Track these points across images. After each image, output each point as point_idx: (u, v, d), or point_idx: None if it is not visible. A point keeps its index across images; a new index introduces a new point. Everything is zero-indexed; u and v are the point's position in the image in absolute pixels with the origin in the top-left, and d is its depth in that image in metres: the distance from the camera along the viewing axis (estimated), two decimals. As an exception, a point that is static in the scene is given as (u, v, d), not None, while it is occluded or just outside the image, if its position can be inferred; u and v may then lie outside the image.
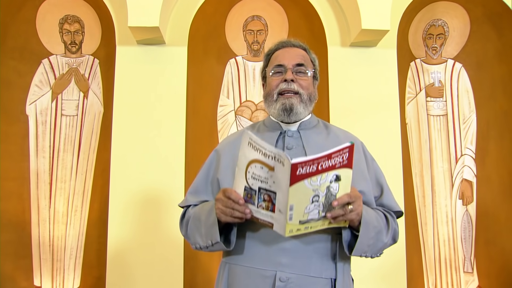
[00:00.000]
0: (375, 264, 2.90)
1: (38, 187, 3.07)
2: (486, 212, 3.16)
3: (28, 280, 2.98)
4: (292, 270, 1.30)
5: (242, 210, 1.22)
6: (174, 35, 3.04)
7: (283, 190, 1.15)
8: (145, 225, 2.87)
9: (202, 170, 1.53)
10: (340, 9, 3.12)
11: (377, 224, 1.35)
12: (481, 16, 3.25)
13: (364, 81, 3.05)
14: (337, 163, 1.14)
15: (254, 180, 1.20)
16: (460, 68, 3.30)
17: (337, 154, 1.14)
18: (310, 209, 1.18)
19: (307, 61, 1.47)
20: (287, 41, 1.49)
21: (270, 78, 1.45)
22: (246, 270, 1.34)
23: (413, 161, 3.20)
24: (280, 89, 1.41)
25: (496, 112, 3.22)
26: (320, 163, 1.12)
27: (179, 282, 2.83)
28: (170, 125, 2.95)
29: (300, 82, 1.42)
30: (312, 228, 1.22)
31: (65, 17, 3.18)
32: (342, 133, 1.54)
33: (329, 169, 1.14)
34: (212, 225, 1.31)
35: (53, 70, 3.17)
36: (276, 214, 1.19)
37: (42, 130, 3.12)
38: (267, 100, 1.46)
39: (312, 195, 1.16)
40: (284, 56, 1.45)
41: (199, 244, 1.40)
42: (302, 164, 1.10)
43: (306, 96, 1.43)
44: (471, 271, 3.13)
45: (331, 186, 1.17)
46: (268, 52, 1.51)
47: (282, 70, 1.43)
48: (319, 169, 1.13)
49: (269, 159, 1.16)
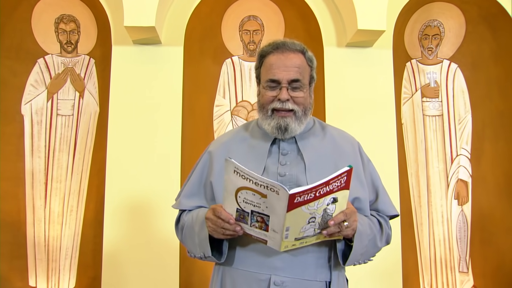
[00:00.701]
0: (371, 265, 2.90)
1: (34, 187, 3.06)
2: (481, 212, 3.17)
3: (23, 280, 2.97)
4: (287, 273, 1.30)
5: (233, 229, 1.22)
6: (170, 35, 3.04)
7: (278, 214, 1.14)
8: (141, 225, 2.86)
9: (195, 172, 1.51)
10: (336, 9, 3.13)
11: (370, 232, 1.35)
12: (476, 16, 3.26)
13: (360, 81, 3.06)
14: (335, 187, 1.14)
15: (246, 204, 1.18)
16: (455, 68, 3.31)
17: (335, 180, 1.13)
18: (306, 228, 1.18)
19: (303, 71, 1.38)
20: (282, 43, 1.39)
21: (264, 91, 1.38)
22: (241, 273, 1.34)
23: (409, 161, 3.21)
24: (275, 107, 1.35)
25: (492, 112, 3.23)
26: (318, 190, 1.11)
27: (175, 283, 2.82)
28: (166, 125, 2.95)
29: (295, 100, 1.36)
30: (307, 242, 1.23)
31: (60, 16, 3.17)
32: (338, 133, 1.52)
33: (327, 194, 1.13)
34: (204, 239, 1.31)
35: (48, 69, 3.16)
36: (270, 233, 1.19)
37: (38, 130, 3.11)
38: (261, 112, 1.41)
39: (309, 217, 1.16)
40: (279, 67, 1.34)
41: (193, 254, 1.41)
42: (300, 194, 1.10)
43: (301, 112, 1.37)
44: (466, 271, 3.14)
45: (328, 208, 1.17)
46: (262, 52, 1.41)
47: (276, 86, 1.35)
48: (317, 195, 1.12)
49: (261, 187, 1.13)
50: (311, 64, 1.42)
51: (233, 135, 1.52)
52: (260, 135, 1.45)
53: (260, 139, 1.44)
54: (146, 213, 2.86)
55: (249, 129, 1.52)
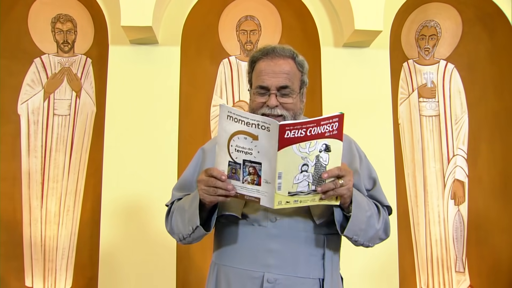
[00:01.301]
0: (367, 264, 2.92)
1: (30, 187, 3.05)
2: (477, 212, 3.18)
3: (20, 280, 2.96)
4: (280, 271, 1.31)
5: (224, 187, 1.19)
6: (167, 35, 3.03)
7: (270, 157, 1.13)
8: (138, 225, 2.86)
9: (188, 168, 1.53)
10: (333, 9, 3.13)
11: (368, 208, 1.33)
12: (473, 17, 3.27)
13: (357, 82, 3.07)
14: (327, 131, 1.12)
15: (238, 153, 1.17)
16: (452, 69, 3.32)
17: (326, 122, 1.12)
18: (299, 179, 1.16)
19: (293, 77, 1.39)
20: (271, 50, 1.40)
21: (254, 97, 1.40)
22: (235, 271, 1.35)
23: (406, 161, 3.21)
24: (264, 113, 1.35)
25: (488, 113, 3.24)
26: (309, 128, 1.10)
27: (171, 282, 2.82)
28: (163, 125, 2.94)
29: (284, 106, 1.37)
30: (301, 202, 1.19)
31: (57, 16, 3.17)
32: None
33: (318, 137, 1.12)
34: (194, 210, 1.29)
35: (45, 69, 3.15)
36: (262, 187, 1.17)
37: (34, 130, 3.10)
38: None
39: (301, 163, 1.14)
40: (268, 74, 1.36)
41: (182, 234, 1.39)
42: (290, 127, 1.09)
43: (291, 117, 1.38)
44: (462, 270, 3.15)
45: (321, 156, 1.15)
46: (252, 58, 1.43)
47: (265, 92, 1.37)
48: (308, 134, 1.11)
49: (253, 127, 1.13)
50: (302, 69, 1.44)
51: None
52: None
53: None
54: (143, 213, 2.86)
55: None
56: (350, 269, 2.90)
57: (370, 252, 2.88)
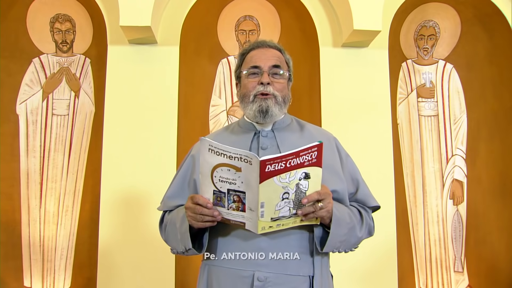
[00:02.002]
0: (366, 264, 2.92)
1: (29, 187, 3.04)
2: (476, 212, 3.18)
3: (18, 280, 2.96)
4: (270, 269, 1.32)
5: (211, 214, 1.25)
6: (166, 35, 3.03)
7: (253, 188, 1.17)
8: (136, 225, 2.86)
9: (179, 175, 1.55)
10: (332, 9, 3.13)
11: (349, 220, 1.37)
12: (471, 17, 3.27)
13: (355, 82, 3.07)
14: (306, 161, 1.17)
15: (222, 183, 1.22)
16: (451, 69, 3.32)
17: (305, 152, 1.17)
18: (281, 206, 1.21)
19: (283, 63, 1.48)
20: (262, 42, 1.50)
21: (246, 80, 1.46)
22: (225, 271, 1.36)
23: (405, 161, 3.22)
24: (257, 91, 1.42)
25: (486, 112, 3.25)
26: (289, 160, 1.15)
27: (170, 282, 2.82)
28: (161, 125, 2.94)
29: (276, 85, 1.44)
30: (284, 225, 1.25)
31: (56, 16, 3.16)
32: (316, 130, 1.56)
33: (298, 167, 1.17)
34: (184, 232, 1.34)
35: (44, 69, 3.15)
36: (247, 213, 1.22)
37: (33, 130, 3.10)
38: (243, 101, 1.47)
39: (282, 192, 1.19)
40: (260, 57, 1.46)
41: (176, 250, 1.45)
42: (271, 161, 1.14)
43: (281, 98, 1.44)
44: (461, 270, 3.15)
45: (300, 183, 1.20)
46: (243, 51, 1.52)
47: (258, 72, 1.44)
48: (288, 166, 1.16)
49: (235, 160, 1.18)
50: (288, 64, 1.53)
51: (214, 137, 1.56)
52: (241, 133, 1.52)
53: (241, 136, 1.50)
54: (142, 213, 2.85)
55: (230, 129, 1.59)
56: (349, 268, 2.90)
57: (369, 252, 2.89)
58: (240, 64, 1.52)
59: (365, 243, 2.57)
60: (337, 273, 2.85)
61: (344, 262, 2.87)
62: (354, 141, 2.99)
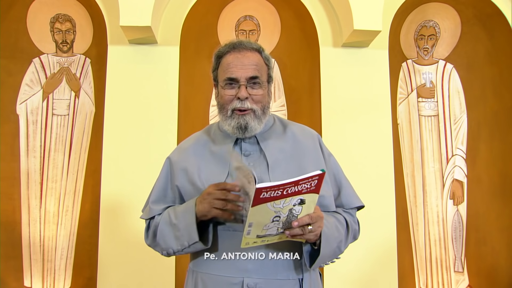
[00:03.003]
0: (366, 264, 2.92)
1: (29, 187, 3.04)
2: (476, 212, 3.18)
3: (18, 280, 2.96)
4: (259, 275, 1.30)
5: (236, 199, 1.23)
6: (166, 35, 3.03)
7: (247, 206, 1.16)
8: (136, 225, 2.85)
9: (159, 180, 1.52)
10: (332, 9, 3.13)
11: (338, 235, 1.35)
12: (472, 17, 3.27)
13: (356, 82, 3.07)
14: (304, 189, 1.13)
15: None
16: (451, 69, 3.32)
17: (305, 181, 1.12)
18: (269, 227, 1.18)
19: (261, 68, 1.39)
20: (238, 43, 1.39)
21: (223, 91, 1.39)
22: (213, 278, 1.34)
23: (405, 161, 3.22)
24: (234, 107, 1.36)
25: (487, 112, 3.24)
26: (286, 188, 1.10)
27: (170, 283, 2.82)
28: (162, 125, 2.94)
29: (254, 98, 1.37)
30: (268, 241, 1.23)
31: (56, 16, 3.16)
32: (299, 129, 1.51)
33: (294, 194, 1.13)
34: (190, 225, 1.30)
35: (44, 69, 3.15)
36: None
37: (33, 130, 3.10)
38: (221, 113, 1.42)
39: (273, 215, 1.16)
40: (237, 66, 1.36)
41: (172, 249, 1.39)
42: (267, 189, 1.09)
43: (260, 111, 1.38)
44: (461, 270, 3.15)
45: (294, 208, 1.16)
46: (218, 53, 1.42)
47: (234, 84, 1.36)
48: (284, 193, 1.11)
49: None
50: (268, 63, 1.43)
51: (194, 141, 1.52)
52: (222, 138, 1.46)
53: (222, 142, 1.45)
54: (141, 213, 2.85)
55: (211, 133, 1.52)
56: (350, 269, 2.90)
57: (369, 252, 2.89)
58: (216, 66, 1.43)
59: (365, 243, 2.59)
60: (338, 274, 2.86)
61: (345, 263, 2.86)
62: (354, 141, 2.99)
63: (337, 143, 2.87)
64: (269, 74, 1.44)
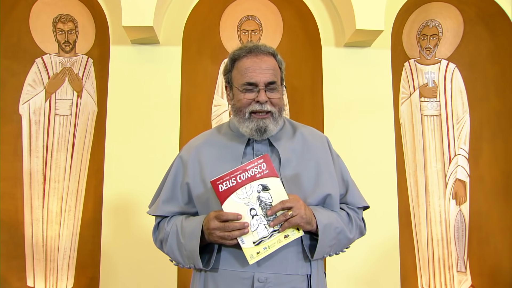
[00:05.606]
0: (369, 264, 2.91)
1: (32, 187, 3.05)
2: (479, 212, 3.18)
3: (21, 280, 2.97)
4: (270, 270, 1.33)
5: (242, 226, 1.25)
6: (168, 35, 3.03)
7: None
8: (139, 225, 2.86)
9: (169, 178, 1.52)
10: (334, 9, 3.13)
11: (338, 225, 1.38)
12: (474, 17, 3.27)
13: (358, 81, 3.06)
14: (257, 173, 1.23)
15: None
16: (453, 68, 3.31)
17: (251, 166, 1.24)
18: (255, 225, 1.24)
19: (277, 73, 1.43)
20: (254, 47, 1.42)
21: (241, 94, 1.40)
22: (223, 273, 1.36)
23: (407, 161, 3.21)
24: (253, 109, 1.39)
25: (489, 112, 3.24)
26: (237, 175, 1.22)
27: (173, 283, 2.82)
28: (164, 125, 2.95)
29: (272, 101, 1.40)
30: (270, 248, 1.26)
31: (58, 16, 3.17)
32: (308, 131, 1.55)
33: (250, 180, 1.22)
34: (193, 251, 1.34)
35: (46, 69, 3.16)
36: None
37: (36, 130, 3.10)
38: (237, 115, 1.43)
39: (247, 209, 1.23)
40: (256, 70, 1.38)
41: (180, 263, 1.42)
42: (220, 180, 1.20)
43: (278, 113, 1.42)
44: (464, 270, 3.14)
45: (261, 196, 1.23)
46: (234, 56, 1.44)
47: (253, 89, 1.38)
48: (239, 181, 1.21)
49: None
50: (281, 66, 1.48)
51: (205, 139, 1.54)
52: (233, 137, 1.49)
53: (234, 141, 1.48)
54: (144, 213, 2.84)
55: (221, 132, 1.55)
56: (352, 268, 2.90)
57: (372, 252, 2.89)
58: (230, 69, 1.45)
59: (367, 243, 2.59)
60: (340, 273, 2.86)
61: (347, 262, 2.87)
62: (356, 141, 2.99)
63: (339, 142, 2.86)
64: (282, 77, 1.48)
